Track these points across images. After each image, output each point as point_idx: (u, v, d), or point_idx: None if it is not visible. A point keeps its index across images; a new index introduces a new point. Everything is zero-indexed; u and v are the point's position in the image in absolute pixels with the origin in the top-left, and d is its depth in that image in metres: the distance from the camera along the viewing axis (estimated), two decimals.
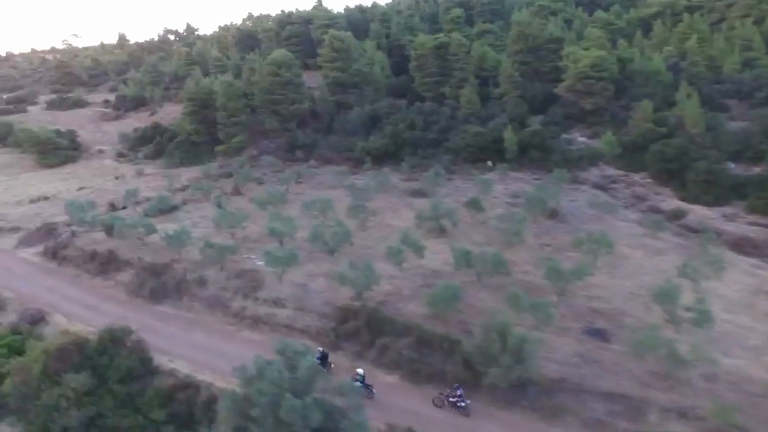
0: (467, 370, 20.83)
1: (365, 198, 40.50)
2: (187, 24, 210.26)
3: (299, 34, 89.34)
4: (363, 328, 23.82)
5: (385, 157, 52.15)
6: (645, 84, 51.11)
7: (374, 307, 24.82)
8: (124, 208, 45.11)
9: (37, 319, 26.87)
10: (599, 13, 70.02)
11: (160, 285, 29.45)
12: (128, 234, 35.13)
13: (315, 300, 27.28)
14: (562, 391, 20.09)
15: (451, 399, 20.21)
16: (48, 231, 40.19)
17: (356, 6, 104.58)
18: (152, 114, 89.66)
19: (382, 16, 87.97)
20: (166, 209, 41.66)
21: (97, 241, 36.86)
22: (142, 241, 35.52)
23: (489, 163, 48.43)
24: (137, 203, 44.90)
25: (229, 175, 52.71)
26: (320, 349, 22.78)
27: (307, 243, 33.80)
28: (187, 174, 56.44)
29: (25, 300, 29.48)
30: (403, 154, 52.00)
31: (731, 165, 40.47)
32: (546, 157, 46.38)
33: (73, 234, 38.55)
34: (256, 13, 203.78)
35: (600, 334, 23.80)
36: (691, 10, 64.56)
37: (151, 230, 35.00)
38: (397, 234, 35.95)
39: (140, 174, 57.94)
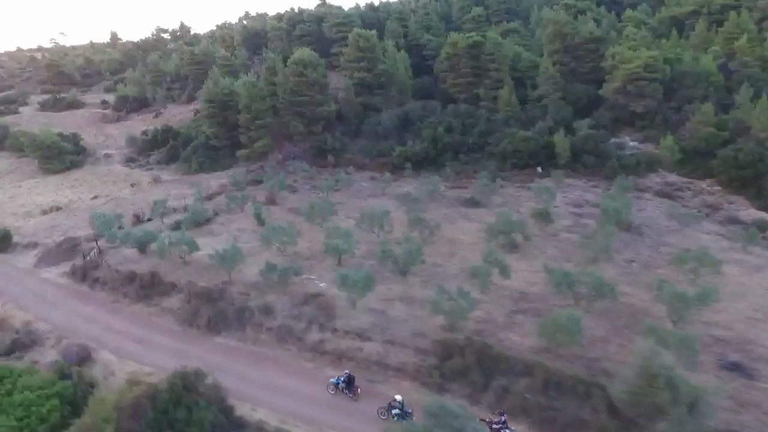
0: (614, 419, 17.90)
1: (419, 209, 37.46)
2: (181, 23, 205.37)
3: (311, 33, 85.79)
4: (473, 367, 20.73)
5: (424, 162, 49.11)
6: (694, 85, 48.79)
7: (483, 340, 21.76)
8: (149, 220, 41.38)
9: (83, 357, 23.26)
10: (629, 12, 67.87)
11: (217, 313, 25.98)
12: (168, 252, 31.52)
13: (401, 330, 24.10)
14: None
15: (494, 426, 17.93)
16: (70, 247, 36.37)
17: (367, 4, 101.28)
18: (157, 116, 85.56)
19: (399, 14, 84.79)
20: (201, 222, 38.02)
21: (130, 259, 33.18)
22: (183, 260, 31.97)
23: (538, 169, 45.73)
24: (163, 215, 41.15)
25: (258, 182, 49.23)
26: (347, 372, 20.69)
27: (367, 261, 30.84)
28: (209, 180, 52.78)
29: (62, 332, 25.77)
30: (444, 160, 49.10)
31: None
32: (601, 163, 43.83)
33: (100, 251, 34.79)
34: (252, 12, 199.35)
35: (739, 369, 21.08)
36: (728, 9, 62.66)
37: (195, 248, 31.45)
38: (463, 249, 33.21)
39: (157, 181, 54.03)
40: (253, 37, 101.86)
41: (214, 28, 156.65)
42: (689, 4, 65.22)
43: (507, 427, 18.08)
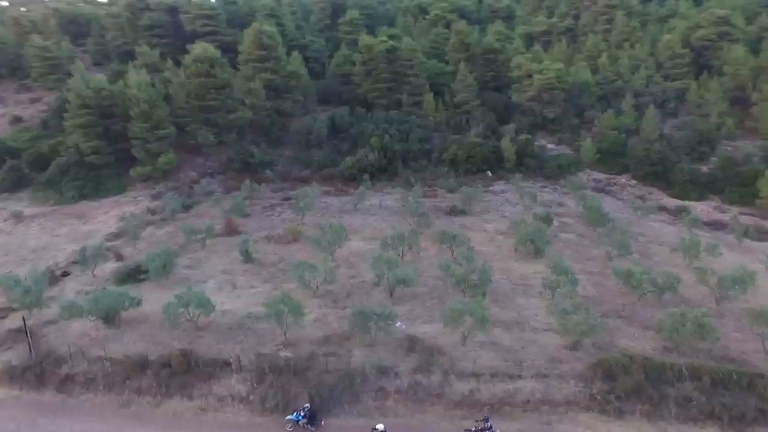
0: None
1: (426, 223, 35.33)
2: None
3: (162, 25, 72.82)
4: (644, 383, 20.45)
5: (377, 172, 46.40)
6: (579, 95, 57.21)
7: (641, 354, 21.63)
8: (65, 274, 29.59)
9: None
10: (495, 27, 75.56)
11: (317, 387, 19.95)
12: (173, 317, 22.92)
13: (533, 359, 22.37)
14: None
15: None
16: None
17: None
18: None
19: (271, 11, 77.93)
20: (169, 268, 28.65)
21: (96, 337, 23.14)
22: (194, 324, 23.73)
23: (488, 173, 47.69)
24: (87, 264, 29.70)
25: (188, 208, 39.65)
26: (306, 405, 19.05)
27: (416, 288, 27.87)
28: (105, 211, 40.25)
29: None
30: (394, 169, 47.25)
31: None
32: (541, 165, 47.96)
33: (28, 333, 23.33)
34: None
35: None
36: (568, 31, 75.20)
37: (210, 308, 23.57)
38: (494, 261, 32.47)
39: (18, 218, 38.71)
40: (69, 23, 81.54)
41: None
42: (541, 24, 75.98)
43: (493, 431, 18.03)
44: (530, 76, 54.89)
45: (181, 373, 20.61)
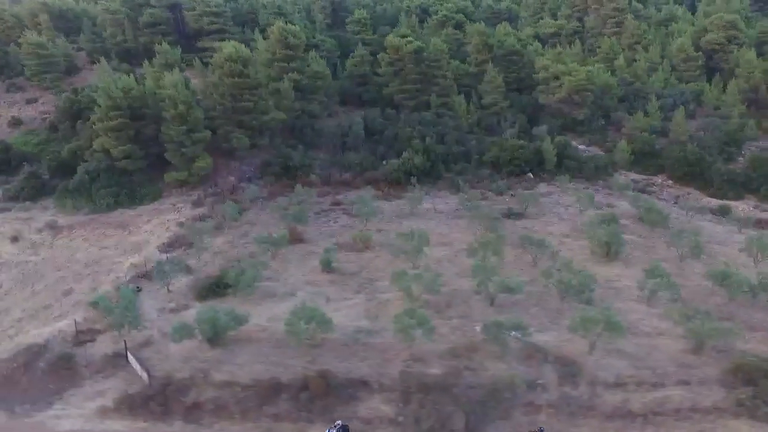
0: None
1: (496, 227, 34.69)
2: None
3: (165, 21, 69.60)
4: None
5: (421, 175, 45.44)
6: (602, 97, 58.01)
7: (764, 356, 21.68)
8: (138, 289, 27.35)
9: None
10: (504, 28, 75.85)
11: (473, 406, 18.95)
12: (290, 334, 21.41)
13: (666, 366, 22.07)
14: None
15: None
16: (56, 363, 21.21)
17: None
18: None
19: (279, 10, 75.60)
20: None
21: (207, 359, 21.35)
22: (310, 342, 22.23)
23: (529, 175, 47.56)
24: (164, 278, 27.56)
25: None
26: (339, 422, 18.18)
27: (511, 296, 27.20)
28: (146, 220, 37.68)
29: None
30: (438, 172, 46.43)
31: None
32: (579, 166, 48.19)
33: (136, 359, 21.31)
34: None
35: None
36: (578, 34, 76.28)
37: (329, 324, 22.16)
38: (576, 266, 32.17)
39: (54, 228, 35.70)
40: (59, 19, 76.74)
41: None
42: (549, 26, 76.82)
43: None
44: (557, 77, 55.21)
45: (320, 395, 19.18)
